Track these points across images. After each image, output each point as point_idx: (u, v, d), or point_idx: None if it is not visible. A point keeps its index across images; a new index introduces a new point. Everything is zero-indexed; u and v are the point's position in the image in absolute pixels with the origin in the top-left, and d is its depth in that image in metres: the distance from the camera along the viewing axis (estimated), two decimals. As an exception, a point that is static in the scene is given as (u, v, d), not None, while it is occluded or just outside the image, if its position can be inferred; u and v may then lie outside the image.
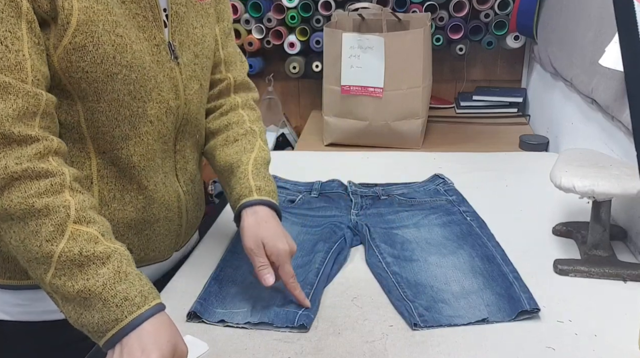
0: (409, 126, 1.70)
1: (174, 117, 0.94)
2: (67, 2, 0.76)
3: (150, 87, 0.88)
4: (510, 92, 2.08)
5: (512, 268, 0.98)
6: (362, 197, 1.28)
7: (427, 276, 0.99)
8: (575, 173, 0.99)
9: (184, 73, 0.94)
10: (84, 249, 0.72)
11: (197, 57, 0.97)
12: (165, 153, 0.95)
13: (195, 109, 0.99)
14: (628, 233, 1.11)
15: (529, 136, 1.75)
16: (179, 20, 0.93)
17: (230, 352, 0.83)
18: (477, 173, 1.45)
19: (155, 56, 0.88)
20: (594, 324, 0.87)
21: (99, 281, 0.72)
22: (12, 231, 0.73)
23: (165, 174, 0.96)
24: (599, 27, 1.30)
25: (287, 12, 2.03)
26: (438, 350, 0.82)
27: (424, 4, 1.98)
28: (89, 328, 0.73)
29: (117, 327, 0.71)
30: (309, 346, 0.84)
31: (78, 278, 0.71)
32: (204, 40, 0.98)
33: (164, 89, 0.90)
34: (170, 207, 0.98)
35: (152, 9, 0.87)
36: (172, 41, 0.91)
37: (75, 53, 0.78)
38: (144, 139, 0.90)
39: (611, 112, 1.20)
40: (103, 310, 0.71)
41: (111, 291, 0.72)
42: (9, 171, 0.71)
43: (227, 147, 1.03)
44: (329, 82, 1.74)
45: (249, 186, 0.97)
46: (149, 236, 0.97)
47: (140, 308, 0.73)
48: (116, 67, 0.82)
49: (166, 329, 0.75)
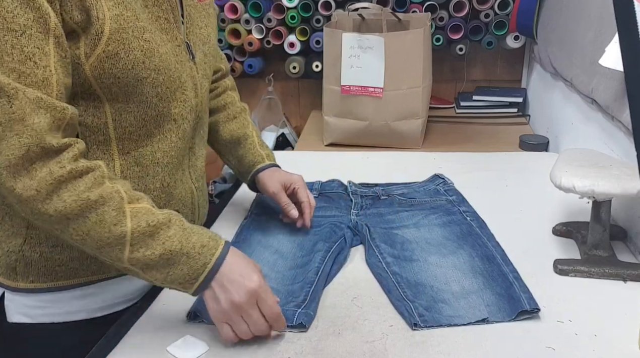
0: (409, 126, 1.70)
1: (194, 115, 0.98)
2: (101, 12, 0.78)
3: (174, 88, 0.91)
4: (510, 92, 2.08)
5: (512, 268, 0.98)
6: (362, 197, 1.28)
7: (427, 276, 0.99)
8: (575, 173, 0.99)
9: (199, 71, 0.98)
10: (149, 220, 0.79)
11: (206, 56, 1.01)
12: (184, 150, 0.98)
13: (206, 107, 1.05)
14: (628, 233, 1.11)
15: (529, 136, 1.75)
16: (191, 21, 0.97)
17: (231, 352, 0.83)
18: (477, 173, 1.45)
19: (178, 56, 0.92)
20: (594, 324, 0.87)
21: (175, 241, 0.80)
22: (72, 229, 0.77)
23: (183, 171, 1.00)
24: (599, 27, 1.30)
25: (287, 12, 2.03)
26: (438, 350, 0.82)
27: (424, 4, 1.98)
28: (179, 281, 0.81)
29: (206, 270, 0.81)
30: (309, 346, 0.84)
31: (155, 245, 0.79)
32: (209, 40, 1.02)
33: (187, 88, 0.94)
34: (186, 203, 1.02)
35: (172, 10, 0.90)
36: (188, 41, 0.95)
37: (108, 61, 0.80)
38: (167, 136, 0.93)
39: (611, 112, 1.20)
40: (189, 261, 0.80)
41: (188, 244, 0.81)
42: (55, 176, 0.75)
43: (229, 123, 1.19)
44: (329, 82, 1.74)
45: (260, 154, 1.18)
46: None
47: (218, 249, 0.83)
48: (145, 72, 0.85)
49: (243, 257, 0.86)
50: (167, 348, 0.84)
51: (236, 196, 1.36)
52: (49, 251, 0.90)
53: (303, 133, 1.99)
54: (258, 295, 0.81)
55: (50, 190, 0.74)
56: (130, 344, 0.86)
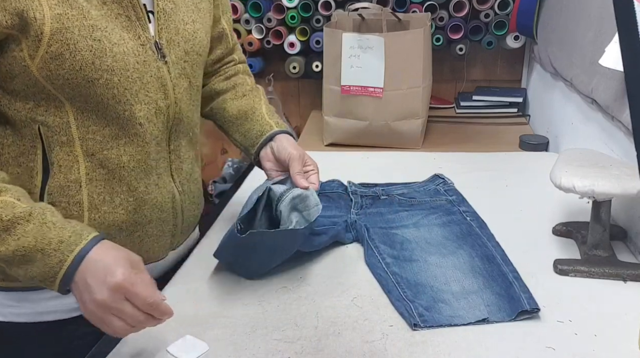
0: (409, 126, 1.70)
1: (164, 118, 0.93)
2: (39, 12, 0.75)
3: (136, 89, 0.87)
4: (510, 92, 2.08)
5: (512, 268, 0.98)
6: (362, 197, 1.28)
7: (427, 276, 1.00)
8: (575, 173, 0.99)
9: (172, 71, 0.93)
10: (4, 214, 0.75)
11: (187, 55, 0.96)
12: (159, 154, 0.94)
13: (186, 108, 0.98)
14: (628, 233, 1.11)
15: (529, 136, 1.74)
16: (166, 18, 0.92)
17: (230, 352, 0.83)
18: (477, 173, 1.45)
19: (141, 56, 0.87)
20: (594, 324, 0.87)
21: (29, 237, 0.75)
22: None
23: (159, 176, 0.95)
24: (599, 27, 1.30)
25: (287, 12, 2.03)
26: (438, 350, 0.82)
27: (424, 4, 1.98)
28: (40, 278, 0.77)
29: (63, 268, 0.76)
30: (309, 346, 0.84)
31: (9, 241, 0.75)
32: (195, 37, 0.97)
33: (152, 90, 0.90)
34: (163, 208, 0.98)
35: (134, 7, 0.86)
36: (158, 40, 0.91)
37: (53, 62, 0.78)
38: (134, 140, 0.89)
39: (611, 112, 1.20)
40: (44, 258, 0.76)
41: (44, 241, 0.76)
42: None
43: (236, 100, 1.13)
44: (329, 82, 1.74)
45: (268, 123, 1.10)
46: (141, 237, 0.96)
47: (79, 245, 0.77)
48: (96, 73, 0.82)
49: (114, 249, 0.79)
50: (167, 348, 0.84)
51: (236, 196, 1.36)
52: None
53: (303, 133, 1.99)
54: (125, 289, 0.74)
55: None
56: (131, 344, 0.86)
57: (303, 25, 2.07)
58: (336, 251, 1.11)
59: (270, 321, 0.90)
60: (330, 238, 1.10)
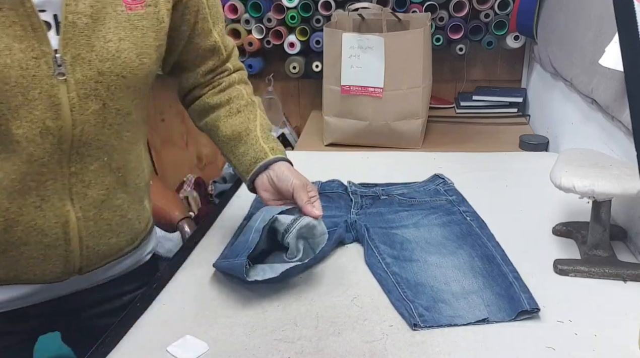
0: (409, 126, 1.70)
1: (54, 139, 0.85)
2: None
3: (16, 105, 0.80)
4: (510, 92, 2.08)
5: (512, 268, 0.98)
6: (362, 197, 1.28)
7: (427, 276, 1.00)
8: (575, 173, 0.99)
9: (74, 91, 0.84)
10: None
11: (101, 75, 0.86)
12: (46, 175, 0.87)
13: (95, 131, 0.89)
14: (628, 233, 1.11)
15: (529, 136, 1.75)
16: (76, 32, 0.83)
17: (230, 352, 0.83)
18: (477, 173, 1.45)
19: (30, 69, 0.80)
20: (594, 324, 0.87)
21: None
22: None
23: (43, 198, 0.88)
24: (599, 27, 1.30)
25: (287, 12, 2.03)
26: (438, 350, 0.82)
27: (424, 4, 1.98)
28: None
29: None
30: (309, 346, 0.84)
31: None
32: (117, 57, 0.87)
33: (38, 107, 0.82)
34: (46, 232, 0.91)
35: (29, 17, 0.78)
36: (62, 55, 0.82)
37: None
38: (9, 157, 0.84)
39: (611, 112, 1.20)
40: None
41: None
42: None
43: (231, 118, 1.06)
44: (329, 82, 1.74)
45: (263, 150, 1.03)
46: (16, 257, 0.92)
47: None
48: None
49: None
50: (167, 348, 0.84)
51: (236, 196, 1.36)
52: None
53: (303, 133, 1.99)
54: None
55: None
56: (130, 344, 0.86)
57: (303, 25, 2.07)
58: (336, 251, 1.11)
59: (270, 321, 0.90)
60: (333, 243, 1.10)
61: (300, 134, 2.03)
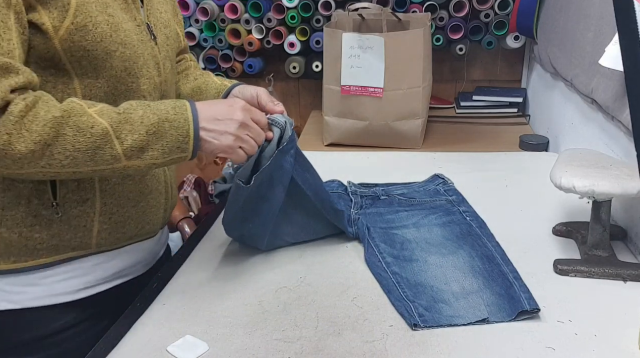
0: (409, 126, 1.70)
1: (158, 94, 0.99)
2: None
3: (140, 64, 0.93)
4: (510, 92, 2.08)
5: (512, 268, 0.99)
6: (362, 197, 1.28)
7: (427, 276, 1.00)
8: (575, 173, 0.99)
9: (161, 52, 1.00)
10: (116, 111, 0.82)
11: (167, 39, 1.03)
12: None
13: (170, 87, 1.05)
14: (628, 233, 1.11)
15: (529, 136, 1.75)
16: (151, 4, 1.00)
17: (230, 352, 0.83)
18: (477, 173, 1.45)
19: (139, 35, 0.93)
20: (594, 324, 0.87)
21: (150, 115, 0.84)
22: (57, 154, 0.78)
23: None
24: (599, 27, 1.30)
25: (287, 12, 2.03)
26: (438, 350, 0.82)
27: (424, 4, 1.98)
28: (176, 145, 0.86)
29: (190, 120, 0.86)
30: (309, 346, 0.84)
31: (137, 126, 0.82)
32: (169, 25, 1.05)
33: (150, 66, 0.96)
34: (159, 179, 1.04)
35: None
36: (148, 22, 0.98)
37: (77, 33, 0.82)
38: None
39: (611, 112, 1.20)
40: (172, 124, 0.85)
41: (161, 112, 0.85)
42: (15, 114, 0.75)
43: (188, 83, 1.18)
44: (329, 82, 1.74)
45: (223, 84, 1.14)
46: (144, 208, 1.01)
47: (184, 102, 0.88)
48: (113, 45, 0.87)
49: None
50: (167, 348, 0.84)
51: (236, 196, 1.36)
52: (27, 230, 0.90)
53: (303, 133, 1.99)
54: (249, 108, 0.91)
55: (17, 128, 0.75)
56: (130, 344, 0.86)
57: (303, 25, 2.07)
58: (336, 251, 1.11)
59: (270, 321, 0.90)
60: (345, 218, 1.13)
61: (300, 134, 2.02)
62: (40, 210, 0.90)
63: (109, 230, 0.97)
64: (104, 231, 0.96)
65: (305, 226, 1.10)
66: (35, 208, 0.90)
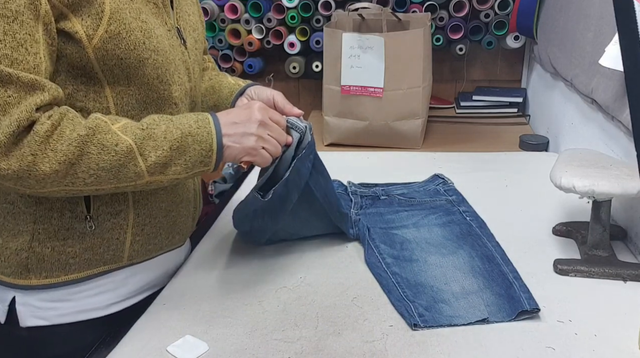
0: (409, 126, 1.70)
1: (189, 100, 0.98)
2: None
3: (172, 70, 0.92)
4: (510, 92, 2.08)
5: (512, 268, 0.99)
6: (362, 197, 1.28)
7: (427, 276, 1.00)
8: (575, 173, 0.99)
9: (191, 57, 0.98)
10: (140, 127, 0.81)
11: (196, 43, 1.02)
12: None
13: (199, 93, 1.03)
14: (628, 233, 1.11)
15: (529, 136, 1.75)
16: (180, 7, 0.98)
17: (230, 352, 0.83)
18: (477, 173, 1.45)
19: (170, 40, 0.92)
20: (594, 324, 0.87)
21: (173, 130, 0.83)
22: (81, 173, 0.77)
23: None
24: (599, 27, 1.30)
25: (287, 12, 2.03)
26: (438, 350, 0.82)
27: (424, 4, 1.98)
28: (199, 159, 0.85)
29: (212, 132, 0.86)
30: (309, 346, 0.84)
31: (160, 143, 0.82)
32: (197, 27, 1.04)
33: (181, 72, 0.94)
34: (188, 188, 1.04)
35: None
36: (178, 27, 0.96)
37: (111, 41, 0.81)
38: None
39: (611, 112, 1.20)
40: (195, 138, 0.84)
41: (184, 126, 0.84)
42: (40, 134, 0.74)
43: (204, 83, 1.16)
44: (329, 82, 1.74)
45: (237, 83, 1.13)
46: (175, 218, 1.01)
47: (206, 114, 0.87)
48: (146, 52, 0.86)
49: None
50: (167, 348, 0.84)
51: (236, 196, 1.36)
52: (60, 244, 0.89)
53: (303, 133, 1.98)
54: (267, 109, 0.90)
55: (43, 148, 0.74)
56: (130, 344, 0.86)
57: (303, 25, 2.07)
58: (336, 251, 1.11)
59: (270, 321, 0.90)
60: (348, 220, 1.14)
61: (300, 134, 2.02)
62: (73, 223, 0.89)
63: (141, 241, 0.96)
64: (137, 243, 0.95)
65: (307, 223, 1.10)
66: (69, 221, 0.89)
